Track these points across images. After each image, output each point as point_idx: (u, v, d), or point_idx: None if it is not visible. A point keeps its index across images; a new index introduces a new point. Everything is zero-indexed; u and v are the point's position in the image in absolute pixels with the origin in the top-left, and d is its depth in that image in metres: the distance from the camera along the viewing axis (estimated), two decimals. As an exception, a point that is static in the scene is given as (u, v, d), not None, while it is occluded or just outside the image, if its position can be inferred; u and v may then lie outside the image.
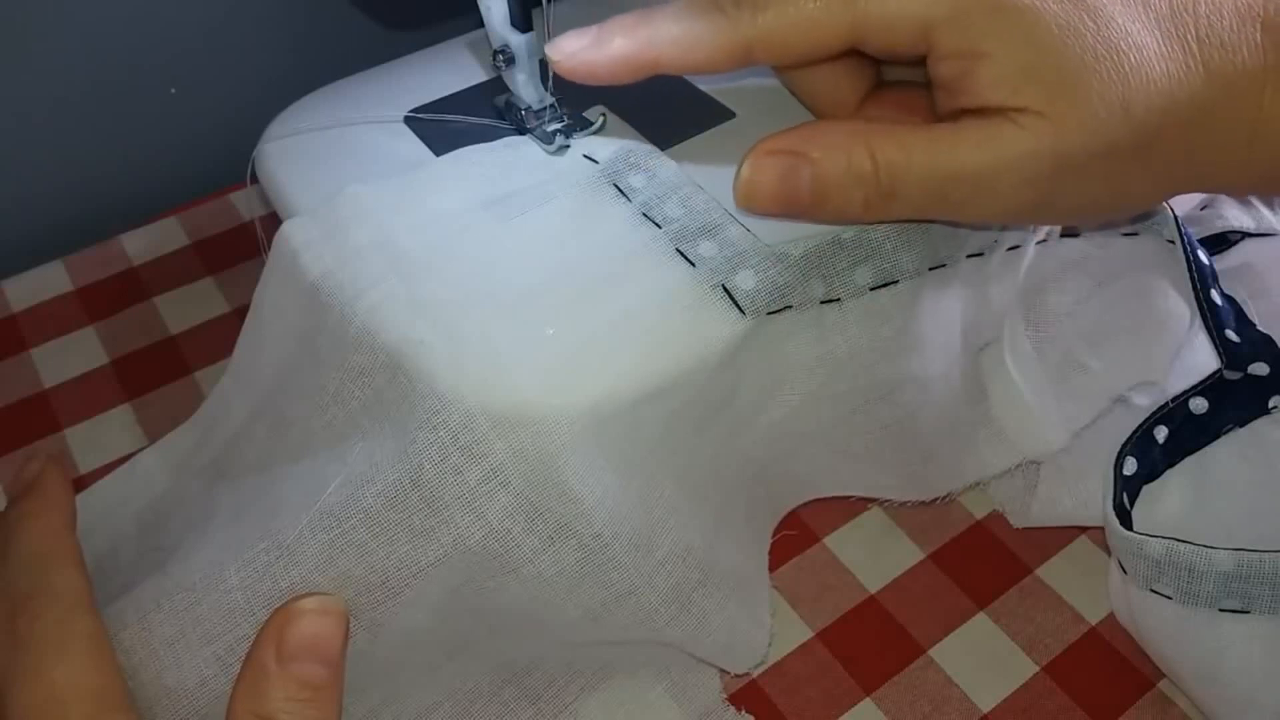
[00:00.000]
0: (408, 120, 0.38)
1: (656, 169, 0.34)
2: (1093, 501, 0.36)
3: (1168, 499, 0.36)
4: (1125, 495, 0.35)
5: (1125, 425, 0.35)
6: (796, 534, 0.38)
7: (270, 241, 0.34)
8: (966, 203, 0.29)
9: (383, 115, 0.38)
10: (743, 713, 0.34)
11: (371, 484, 0.28)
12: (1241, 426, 0.37)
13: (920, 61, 0.30)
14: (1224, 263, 0.40)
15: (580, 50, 0.31)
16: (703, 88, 0.39)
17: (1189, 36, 0.28)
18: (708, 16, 0.29)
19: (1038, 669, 0.35)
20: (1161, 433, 0.35)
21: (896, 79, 0.34)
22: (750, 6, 0.29)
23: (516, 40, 0.35)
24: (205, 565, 0.29)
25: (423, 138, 0.37)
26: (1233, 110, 0.28)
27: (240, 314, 0.43)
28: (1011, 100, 0.28)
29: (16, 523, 0.30)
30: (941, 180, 0.28)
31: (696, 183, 0.33)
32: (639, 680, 0.35)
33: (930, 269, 0.33)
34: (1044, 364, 0.37)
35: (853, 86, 0.33)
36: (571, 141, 0.36)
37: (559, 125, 0.36)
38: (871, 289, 0.32)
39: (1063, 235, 0.37)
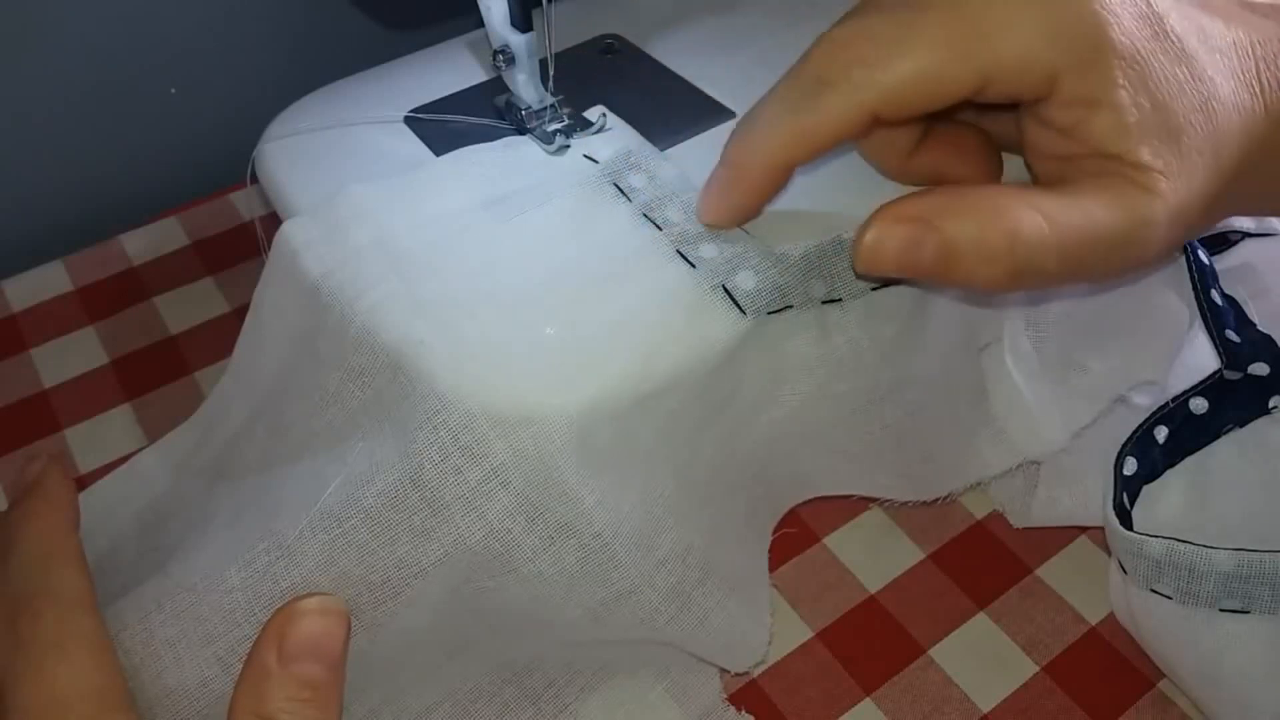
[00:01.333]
0: (408, 120, 0.38)
1: (657, 169, 0.34)
2: (1093, 501, 0.36)
3: (1168, 499, 0.36)
4: (1125, 495, 0.35)
5: (1125, 425, 0.35)
6: (796, 533, 0.38)
7: (270, 241, 0.34)
8: (1100, 267, 0.28)
9: (383, 115, 0.38)
10: (743, 713, 0.34)
11: (372, 484, 0.28)
12: (1241, 426, 0.37)
13: (1005, 106, 0.29)
14: (1224, 263, 0.40)
15: (720, 198, 0.31)
16: (703, 88, 0.39)
17: (1254, 80, 0.29)
18: (823, 98, 0.28)
19: (1038, 669, 0.35)
20: (1161, 433, 0.35)
21: (944, 120, 0.33)
22: (865, 68, 0.27)
23: (516, 40, 0.35)
24: (206, 566, 0.29)
25: (423, 138, 0.37)
26: None
27: (240, 314, 0.43)
28: (1128, 151, 0.27)
29: (19, 523, 0.30)
30: (1079, 248, 0.28)
31: (696, 184, 0.33)
32: (639, 680, 0.35)
33: (930, 269, 0.33)
34: (1044, 364, 0.37)
35: (914, 132, 0.32)
36: (572, 141, 0.36)
37: (559, 125, 0.36)
38: (873, 289, 0.32)
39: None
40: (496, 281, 0.31)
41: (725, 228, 0.31)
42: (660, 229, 0.32)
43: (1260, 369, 0.36)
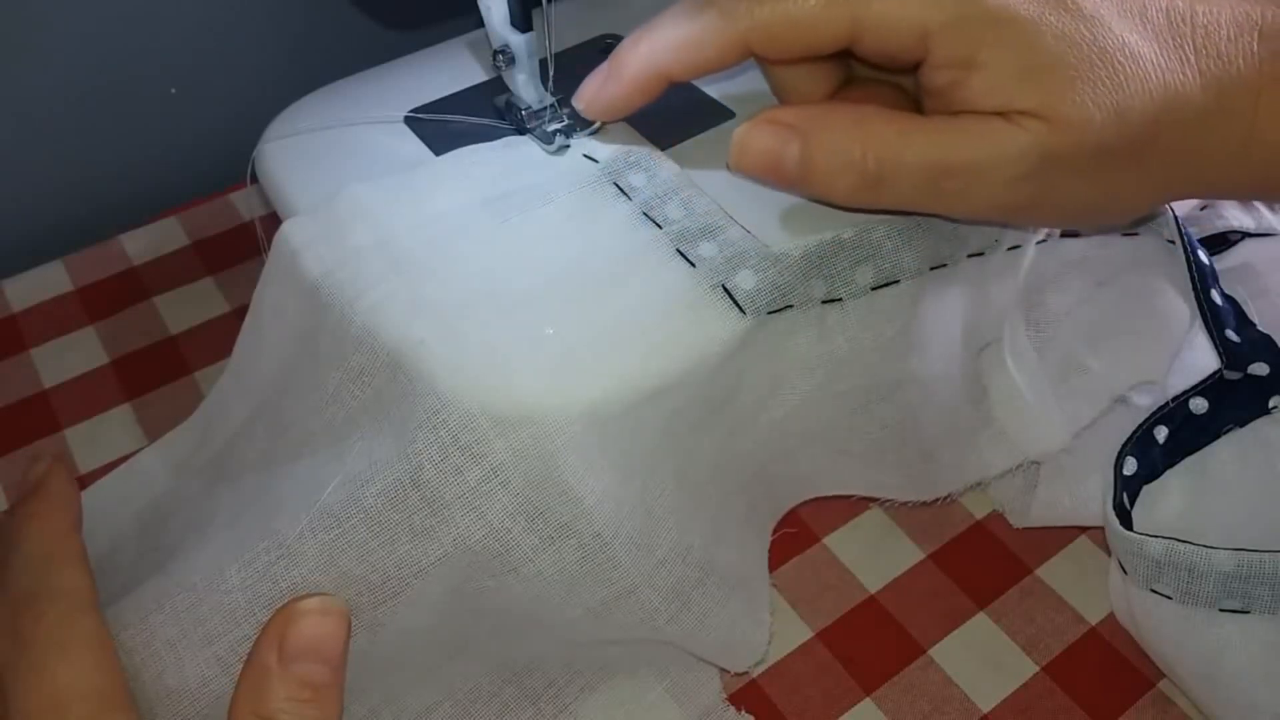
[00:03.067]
0: (408, 120, 0.38)
1: (657, 169, 0.34)
2: (1093, 501, 0.36)
3: (1168, 499, 0.36)
4: (1125, 495, 0.35)
5: (1125, 425, 0.35)
6: (796, 533, 0.38)
7: (270, 241, 0.34)
8: (958, 196, 0.29)
9: (383, 115, 0.38)
10: (743, 713, 0.34)
11: (372, 484, 0.28)
12: (1241, 426, 0.37)
13: (908, 69, 0.30)
14: (1224, 263, 0.40)
15: (598, 90, 0.32)
16: (703, 88, 0.39)
17: (1186, 46, 0.29)
18: (703, 16, 0.30)
19: (1038, 669, 0.35)
20: (1161, 433, 0.35)
21: (866, 75, 0.34)
22: (746, 1, 0.29)
23: (516, 40, 0.35)
24: (206, 566, 0.29)
25: (423, 138, 0.37)
26: (1228, 117, 0.29)
27: (240, 314, 0.43)
28: (1005, 106, 0.28)
29: (21, 523, 0.30)
30: (934, 172, 0.29)
31: (697, 183, 0.33)
32: (639, 680, 0.35)
33: (931, 269, 0.33)
34: (1044, 364, 0.37)
35: (825, 81, 0.33)
36: (571, 141, 0.36)
37: (559, 125, 0.36)
38: (873, 289, 0.32)
39: (1063, 235, 0.37)
40: (496, 281, 0.31)
41: (596, 119, 0.34)
42: (660, 228, 0.32)
43: (1260, 369, 0.36)
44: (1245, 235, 0.41)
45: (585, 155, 0.35)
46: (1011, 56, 0.28)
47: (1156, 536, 0.32)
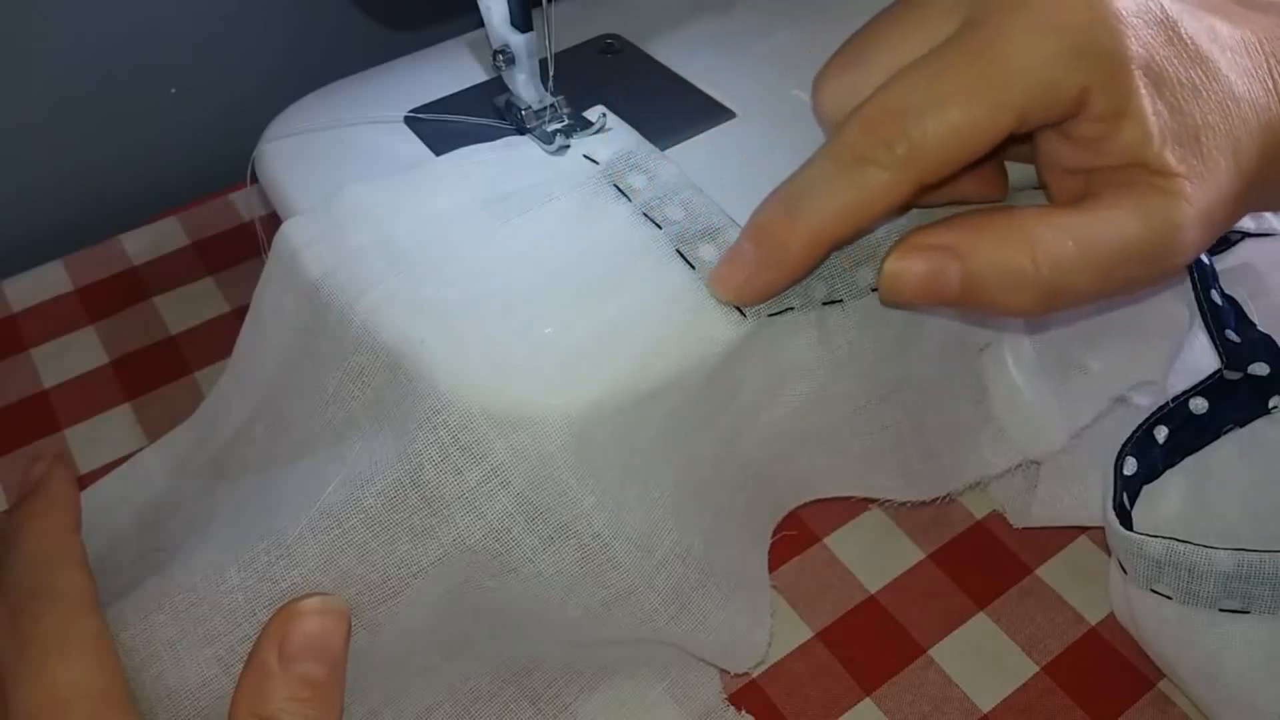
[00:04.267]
0: (408, 120, 0.38)
1: (657, 170, 0.34)
2: (1093, 501, 0.36)
3: (1168, 499, 0.36)
4: (1125, 495, 0.35)
5: (1125, 425, 0.35)
6: (796, 534, 0.38)
7: (270, 241, 0.34)
8: (1133, 279, 0.28)
9: (383, 115, 0.38)
10: (743, 713, 0.34)
11: (371, 484, 0.28)
12: (1241, 426, 0.37)
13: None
14: (1224, 263, 0.40)
15: (752, 277, 0.29)
16: (703, 88, 0.39)
17: (1265, 76, 0.29)
18: (866, 175, 0.27)
19: (1038, 669, 0.35)
20: (1161, 433, 0.35)
21: None
22: (905, 145, 0.26)
23: (516, 40, 0.35)
24: (206, 566, 0.29)
25: (423, 138, 0.37)
26: None
27: (240, 314, 0.43)
28: (1153, 158, 0.27)
29: (22, 523, 0.30)
30: (1110, 263, 0.27)
31: (697, 184, 0.33)
32: (639, 680, 0.35)
33: (930, 269, 0.33)
34: (1044, 364, 0.37)
35: None
36: (572, 141, 0.36)
37: (559, 125, 0.36)
38: (873, 290, 0.32)
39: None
40: (496, 281, 0.31)
41: (748, 305, 0.30)
42: (660, 229, 0.32)
43: (1260, 369, 0.36)
44: (1245, 235, 0.41)
45: (585, 156, 0.35)
46: (1154, 107, 0.27)
47: (1156, 536, 0.32)
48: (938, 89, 0.27)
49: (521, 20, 0.35)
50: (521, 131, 0.36)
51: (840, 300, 0.31)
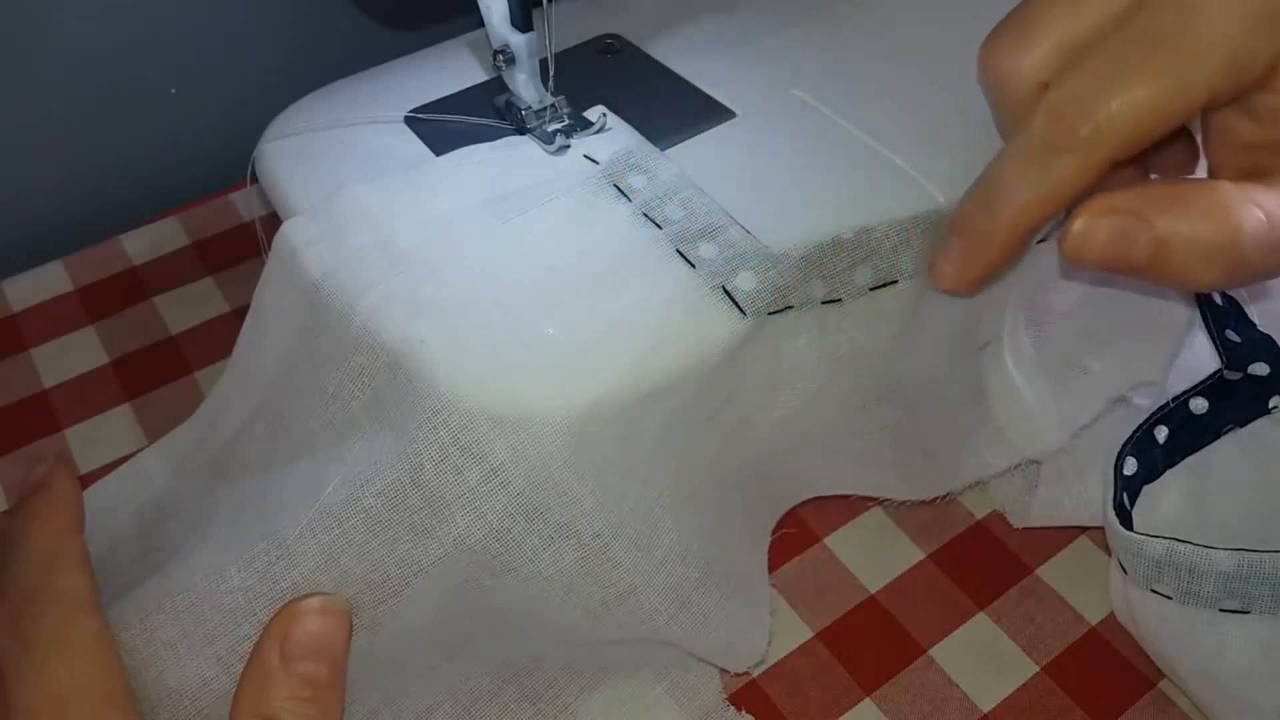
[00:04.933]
0: (408, 120, 0.38)
1: (657, 169, 0.34)
2: (1093, 501, 0.36)
3: (1168, 499, 0.36)
4: (1125, 495, 0.35)
5: (1125, 425, 0.35)
6: (796, 533, 0.38)
7: (270, 241, 0.34)
8: None
9: (383, 115, 0.38)
10: (743, 713, 0.34)
11: (371, 483, 0.28)
12: (1242, 427, 0.37)
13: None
14: (1224, 263, 0.40)
15: (963, 267, 0.30)
16: (703, 88, 0.39)
17: None
18: (1058, 163, 0.27)
19: (1038, 669, 0.35)
20: (1162, 433, 0.35)
21: None
22: (1092, 126, 0.26)
23: (517, 40, 0.35)
24: (206, 566, 0.29)
25: (423, 138, 0.37)
26: None
27: (240, 314, 0.43)
28: None
29: (23, 523, 0.30)
30: None
31: (697, 184, 0.33)
32: (639, 680, 0.35)
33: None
34: (1044, 364, 0.37)
35: None
36: (572, 141, 0.36)
37: (559, 125, 0.36)
38: (872, 289, 0.32)
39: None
40: (496, 281, 0.31)
41: (966, 294, 0.31)
42: (660, 229, 0.32)
43: (1260, 369, 0.36)
44: (1245, 235, 0.41)
45: (585, 155, 0.35)
46: None
47: (1156, 536, 0.32)
48: (1123, 73, 0.26)
49: (521, 20, 0.35)
50: (522, 131, 0.36)
51: (840, 300, 0.31)
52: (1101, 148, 0.27)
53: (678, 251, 0.31)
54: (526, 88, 0.36)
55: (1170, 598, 0.32)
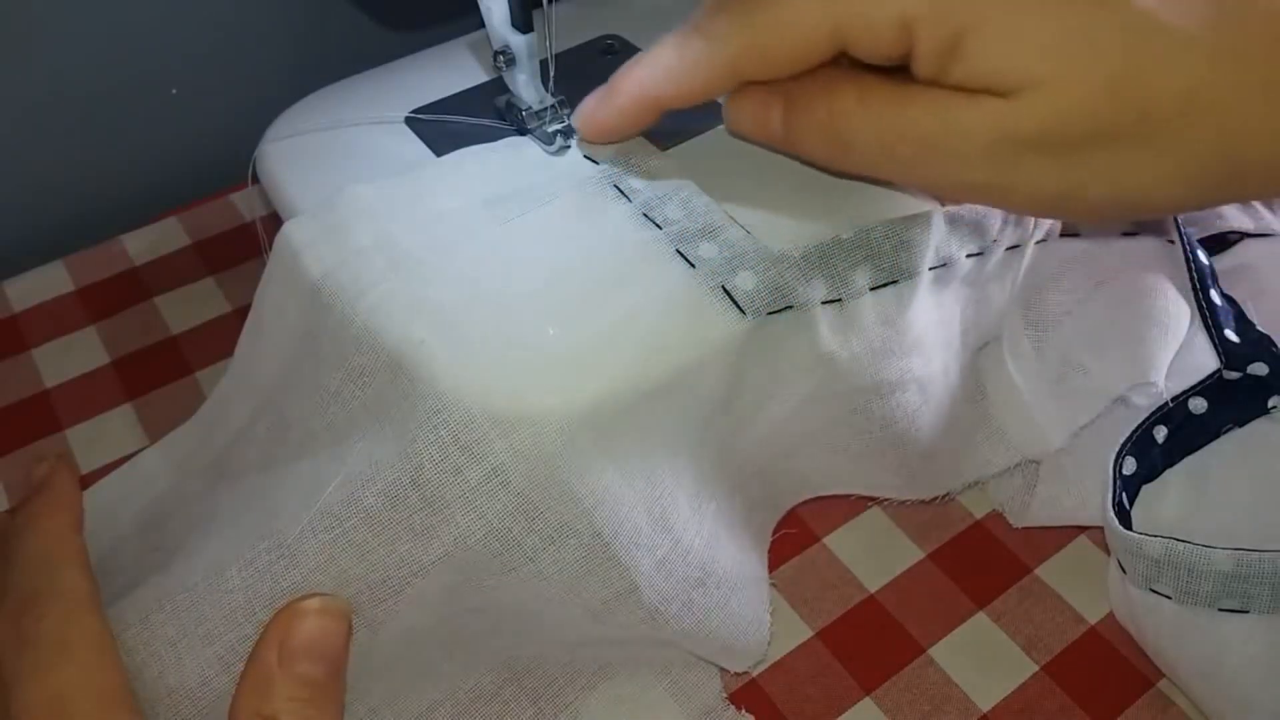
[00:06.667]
0: (409, 121, 0.38)
1: (657, 170, 0.34)
2: (1092, 501, 0.36)
3: (1167, 499, 0.36)
4: (1125, 495, 0.35)
5: (1125, 425, 0.35)
6: (796, 533, 0.38)
7: (271, 242, 0.34)
8: (914, 164, 0.29)
9: (384, 116, 0.38)
10: (743, 712, 0.34)
11: (372, 483, 0.28)
12: (1241, 426, 0.37)
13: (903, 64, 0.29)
14: (1223, 263, 0.40)
15: (593, 112, 0.33)
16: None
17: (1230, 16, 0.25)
18: (690, 43, 0.30)
19: (1037, 668, 0.35)
20: (1161, 433, 0.35)
21: None
22: (727, 22, 0.29)
23: (517, 41, 0.35)
24: (206, 565, 0.29)
25: (424, 138, 0.37)
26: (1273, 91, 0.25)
27: (241, 314, 0.43)
28: (991, 89, 0.27)
29: (24, 523, 0.30)
30: (887, 137, 0.29)
31: (697, 184, 0.33)
32: (639, 680, 0.35)
33: (930, 269, 0.33)
34: (1043, 364, 0.37)
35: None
36: (572, 142, 0.36)
37: (560, 126, 0.36)
38: (872, 289, 0.32)
39: (1063, 235, 0.37)
40: (497, 281, 0.31)
41: (590, 140, 0.34)
42: (660, 229, 0.32)
43: (1259, 369, 0.36)
44: (1244, 235, 0.41)
45: (585, 156, 0.35)
46: (999, 40, 0.26)
47: (1155, 536, 0.32)
48: None
49: (522, 21, 0.35)
50: (522, 132, 0.37)
51: (840, 300, 0.31)
52: (731, 42, 0.29)
53: (678, 251, 0.31)
54: (527, 88, 0.36)
55: (1169, 597, 0.32)
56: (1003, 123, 0.27)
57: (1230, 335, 0.36)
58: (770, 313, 0.30)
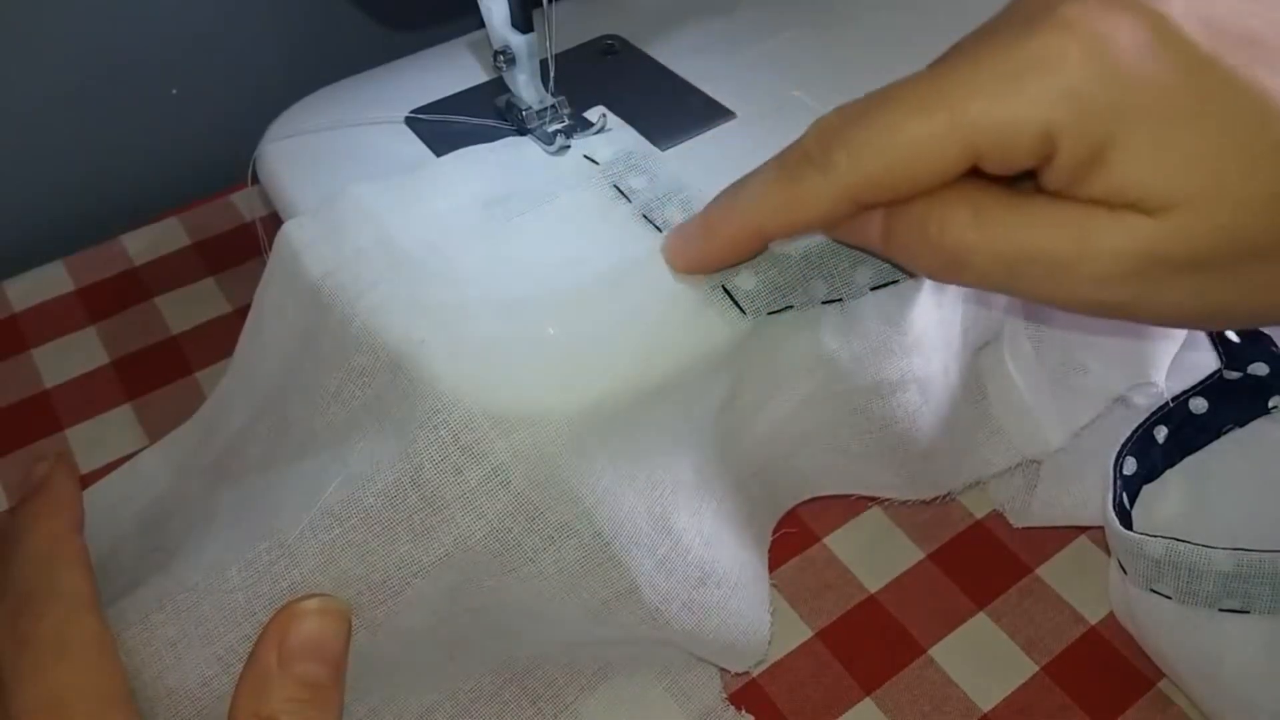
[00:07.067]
0: (409, 121, 0.38)
1: (657, 170, 0.34)
2: (1093, 501, 0.36)
3: (1167, 499, 0.36)
4: (1125, 495, 0.35)
5: (1125, 425, 0.35)
6: (796, 533, 0.38)
7: (271, 242, 0.34)
8: (1040, 284, 0.26)
9: (384, 116, 0.38)
10: (743, 712, 0.34)
11: (372, 484, 0.28)
12: (1241, 426, 0.37)
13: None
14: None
15: (687, 244, 0.31)
16: (703, 88, 0.39)
17: None
18: (802, 176, 0.27)
19: (1037, 669, 0.35)
20: (1161, 433, 0.35)
21: None
22: (845, 152, 0.26)
23: (517, 41, 0.35)
24: (207, 565, 0.29)
25: (424, 138, 0.37)
26: None
27: (241, 314, 0.43)
28: (1137, 203, 0.24)
29: (23, 523, 0.30)
30: (1010, 259, 0.26)
31: (696, 184, 0.33)
32: (639, 680, 0.35)
33: (930, 269, 0.33)
34: (1043, 364, 0.37)
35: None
36: (572, 142, 0.36)
37: (560, 126, 0.36)
38: (872, 289, 0.32)
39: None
40: (497, 281, 0.31)
41: (682, 271, 0.31)
42: (660, 229, 0.32)
43: (1260, 369, 0.36)
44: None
45: (586, 156, 0.35)
46: (1146, 153, 0.24)
47: (1156, 536, 0.32)
48: (888, 101, 0.25)
49: (522, 21, 0.35)
50: (522, 132, 0.37)
51: (840, 300, 0.31)
52: (849, 174, 0.26)
53: (678, 252, 0.31)
54: (527, 88, 0.36)
55: (1170, 597, 0.32)
56: (1149, 243, 0.24)
57: (1231, 335, 0.36)
58: (770, 312, 0.30)
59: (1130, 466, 0.35)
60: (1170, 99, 0.24)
